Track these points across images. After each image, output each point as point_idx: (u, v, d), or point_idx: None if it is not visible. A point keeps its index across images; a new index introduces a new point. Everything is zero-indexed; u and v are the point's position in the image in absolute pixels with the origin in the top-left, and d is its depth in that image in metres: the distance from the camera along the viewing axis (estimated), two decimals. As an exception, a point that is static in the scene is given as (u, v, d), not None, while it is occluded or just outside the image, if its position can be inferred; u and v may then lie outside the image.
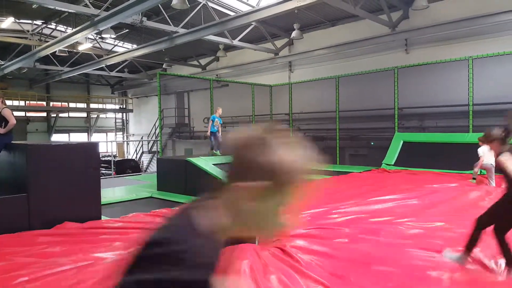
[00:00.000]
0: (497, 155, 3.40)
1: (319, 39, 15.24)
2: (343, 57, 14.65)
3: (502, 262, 3.36)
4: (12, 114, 5.92)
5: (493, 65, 10.77)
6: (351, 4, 10.95)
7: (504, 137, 3.39)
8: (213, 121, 10.13)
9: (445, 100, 11.70)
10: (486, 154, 7.65)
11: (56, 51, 15.51)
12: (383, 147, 12.20)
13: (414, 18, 12.76)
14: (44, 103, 25.55)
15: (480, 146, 7.80)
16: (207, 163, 8.38)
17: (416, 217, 5.26)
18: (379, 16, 12.68)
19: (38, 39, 18.45)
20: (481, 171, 8.45)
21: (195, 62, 21.09)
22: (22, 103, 23.84)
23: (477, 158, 8.01)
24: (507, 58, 10.36)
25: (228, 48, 18.14)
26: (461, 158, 10.11)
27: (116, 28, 15.47)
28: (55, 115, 26.40)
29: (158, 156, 14.35)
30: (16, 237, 4.58)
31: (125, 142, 28.91)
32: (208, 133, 10.26)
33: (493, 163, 7.30)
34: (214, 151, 10.24)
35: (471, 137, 10.45)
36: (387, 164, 11.20)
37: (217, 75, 19.58)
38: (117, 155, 26.36)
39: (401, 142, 11.65)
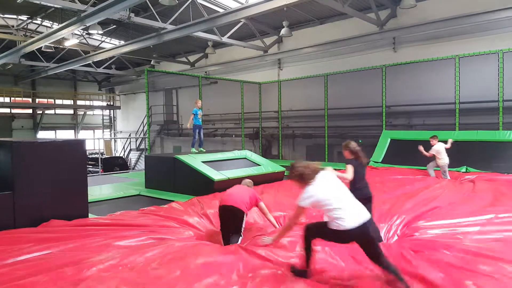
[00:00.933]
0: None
1: (308, 37, 15.29)
2: (331, 55, 14.73)
3: None
4: None
5: (479, 63, 10.95)
6: (340, 2, 11.01)
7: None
8: (195, 114, 9.79)
9: (432, 98, 11.87)
10: (442, 153, 8.54)
11: (42, 46, 15.26)
12: (371, 144, 12.31)
13: (402, 17, 12.89)
14: (30, 99, 25.12)
15: (433, 145, 8.67)
16: (196, 161, 8.35)
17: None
18: (367, 14, 12.77)
19: (24, 34, 18.13)
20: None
21: (183, 59, 20.97)
22: (7, 99, 23.40)
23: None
24: (492, 57, 10.55)
25: (217, 45, 18.08)
26: (448, 155, 10.26)
27: (103, 24, 15.29)
28: (41, 112, 25.99)
29: (146, 154, 14.27)
30: (2, 235, 4.50)
31: (113, 140, 28.64)
32: (189, 126, 9.88)
33: (447, 162, 8.54)
34: (199, 148, 10.12)
35: (458, 135, 10.62)
36: (375, 162, 11.30)
37: (206, 72, 19.50)
38: (105, 153, 26.12)
39: (389, 140, 11.77)
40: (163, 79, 21.76)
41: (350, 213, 3.08)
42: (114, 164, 18.50)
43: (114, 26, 17.32)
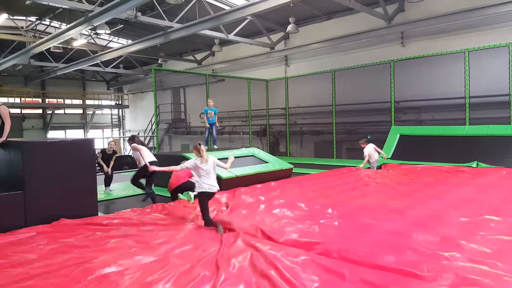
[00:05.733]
0: None
1: (315, 33, 15.21)
2: (339, 50, 14.64)
3: None
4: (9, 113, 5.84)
5: (489, 57, 10.78)
6: (347, -3, 10.92)
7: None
8: (206, 113, 10.03)
9: (442, 93, 11.73)
10: (372, 152, 9.93)
11: (50, 47, 15.41)
12: (380, 140, 12.21)
13: (410, 11, 12.74)
14: (40, 100, 25.43)
15: (363, 148, 9.97)
16: (204, 159, 8.35)
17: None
18: (374, 9, 12.65)
19: (33, 35, 18.30)
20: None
21: (190, 57, 21.01)
22: (17, 100, 23.71)
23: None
24: (502, 50, 10.38)
25: (224, 42, 18.08)
26: (458, 151, 10.16)
27: (110, 24, 15.37)
28: (50, 112, 26.27)
29: (155, 152, 14.32)
30: (13, 234, 4.56)
31: (122, 138, 28.83)
32: (207, 125, 10.11)
33: (377, 158, 10.09)
34: (212, 146, 10.17)
35: (468, 129, 10.50)
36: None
37: (213, 70, 19.52)
38: (114, 151, 26.24)
39: (398, 136, 11.67)
40: (171, 77, 21.84)
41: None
42: (123, 163, 18.59)
43: (122, 25, 17.41)
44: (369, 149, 9.91)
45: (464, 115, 11.09)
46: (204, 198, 4.96)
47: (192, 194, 6.46)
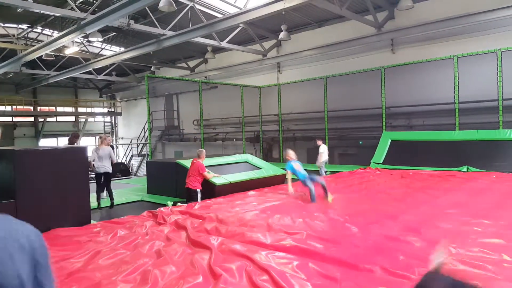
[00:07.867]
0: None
1: (307, 40, 15.35)
2: (330, 57, 14.78)
3: None
4: None
5: (477, 63, 10.97)
6: (337, 5, 11.06)
7: None
8: (290, 170, 7.12)
9: (432, 98, 11.90)
10: (325, 151, 10.66)
11: (42, 55, 15.36)
12: (371, 146, 12.34)
13: (399, 18, 12.94)
14: (31, 107, 25.25)
15: (320, 145, 10.68)
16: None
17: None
18: (365, 16, 12.82)
19: (24, 43, 18.23)
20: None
21: (183, 64, 21.06)
22: (8, 108, 23.54)
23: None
24: (491, 56, 10.58)
25: (217, 50, 18.16)
26: (448, 155, 10.29)
27: (103, 31, 15.37)
28: (42, 119, 26.10)
29: (148, 159, 14.30)
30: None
31: (114, 146, 28.70)
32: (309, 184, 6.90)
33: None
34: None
35: (458, 134, 10.64)
36: (376, 163, 11.32)
37: (205, 77, 19.57)
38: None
39: (389, 141, 11.79)
40: (164, 84, 21.84)
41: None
42: (116, 170, 18.52)
43: (114, 33, 17.41)
44: (324, 149, 10.79)
45: (454, 120, 11.25)
46: (100, 176, 7.45)
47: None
